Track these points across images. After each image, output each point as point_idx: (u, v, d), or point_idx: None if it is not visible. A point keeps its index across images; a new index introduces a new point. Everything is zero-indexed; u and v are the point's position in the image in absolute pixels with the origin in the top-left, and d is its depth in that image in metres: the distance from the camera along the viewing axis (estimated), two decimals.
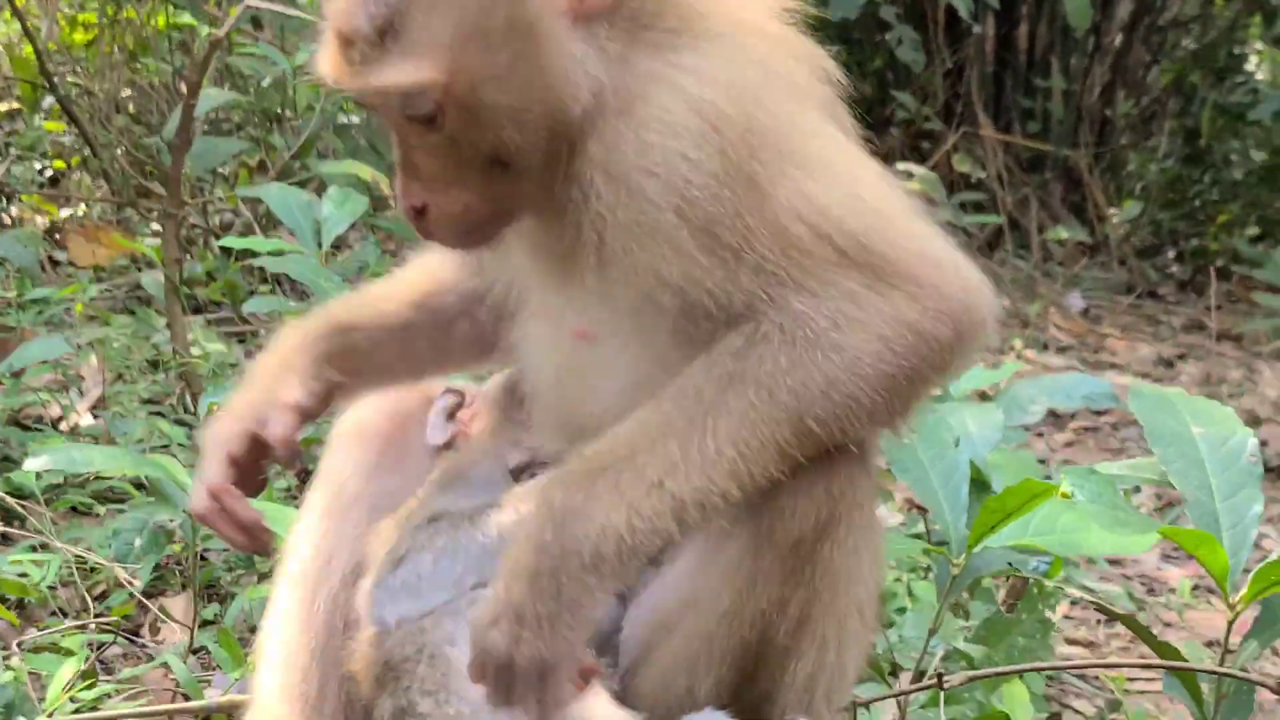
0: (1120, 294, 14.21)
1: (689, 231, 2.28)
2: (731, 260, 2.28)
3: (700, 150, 2.26)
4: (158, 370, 6.37)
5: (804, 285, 2.27)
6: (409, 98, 2.28)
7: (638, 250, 2.32)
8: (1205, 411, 3.01)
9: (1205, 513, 2.85)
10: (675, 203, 2.27)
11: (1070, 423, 9.05)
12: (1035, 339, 11.30)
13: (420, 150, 2.37)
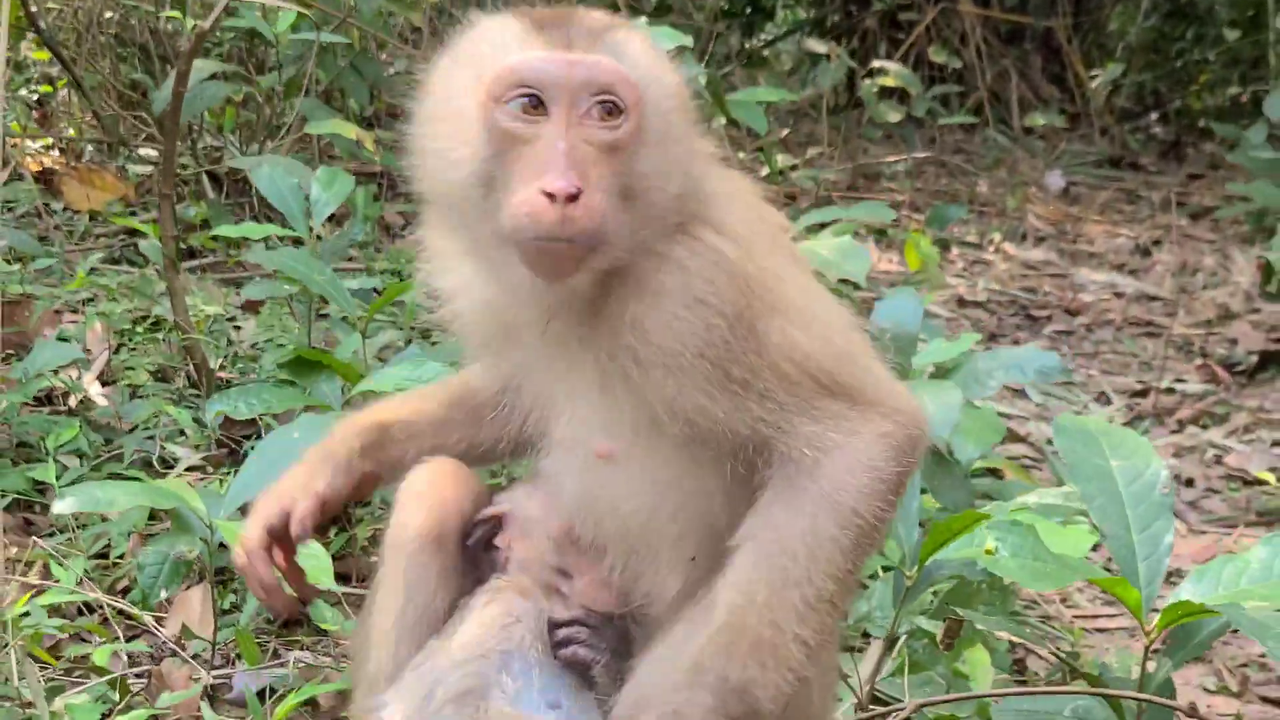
0: (1101, 167, 14.39)
1: (706, 368, 2.61)
2: (740, 392, 2.62)
3: (718, 304, 2.62)
4: (159, 330, 6.62)
5: (802, 411, 2.64)
6: (615, 86, 2.52)
7: (660, 379, 2.63)
8: (1123, 443, 3.29)
9: (1123, 545, 3.15)
10: (697, 345, 2.60)
11: (1046, 327, 9.28)
12: (1014, 230, 11.50)
13: (591, 146, 2.53)
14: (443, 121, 2.63)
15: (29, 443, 5.43)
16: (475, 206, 2.58)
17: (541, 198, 2.46)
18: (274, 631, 4.52)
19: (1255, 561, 3.09)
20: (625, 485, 2.77)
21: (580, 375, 2.74)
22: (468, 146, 2.56)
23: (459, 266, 2.84)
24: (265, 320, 6.54)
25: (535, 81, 2.53)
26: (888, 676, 4.19)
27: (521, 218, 2.48)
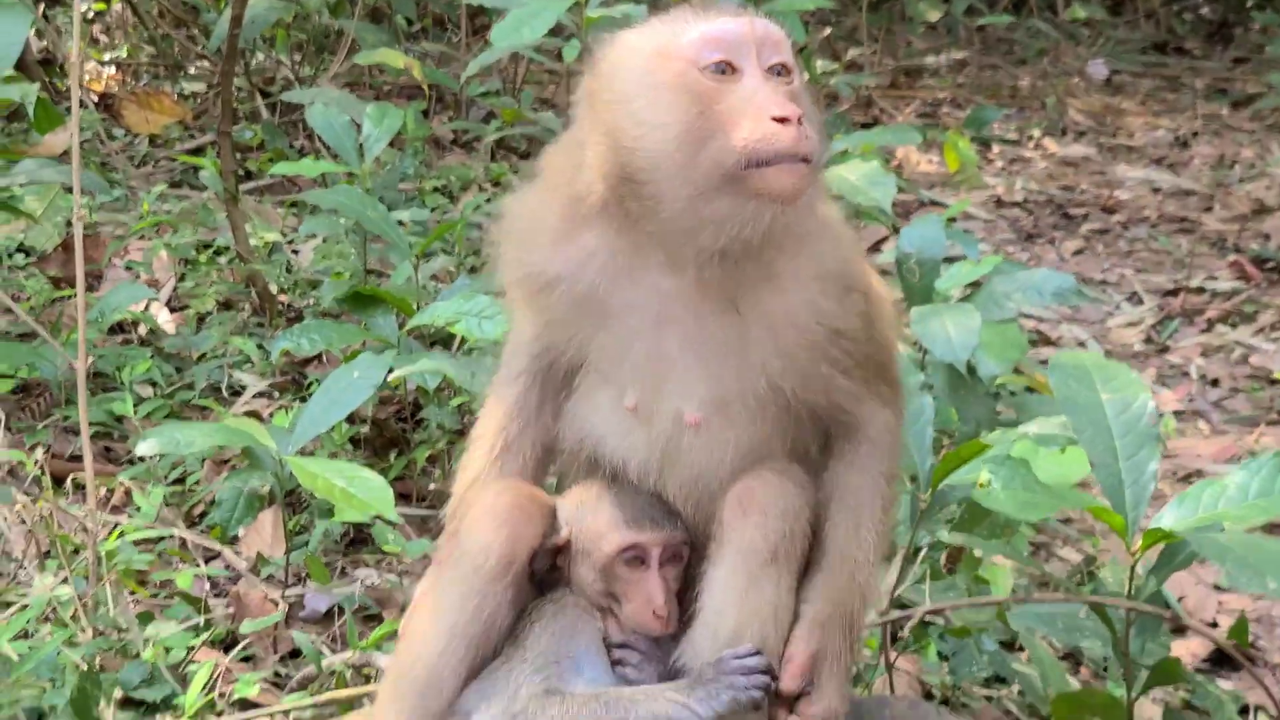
0: (1146, 53, 14.37)
1: (828, 340, 2.96)
2: (844, 366, 3.01)
3: (855, 285, 3.02)
4: (222, 256, 6.95)
5: (871, 390, 3.08)
6: (782, 44, 2.84)
7: (786, 348, 2.94)
8: (1113, 376, 3.54)
9: (1110, 473, 3.42)
10: (831, 320, 2.97)
11: (1082, 226, 9.43)
12: (1054, 125, 11.60)
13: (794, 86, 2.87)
14: (635, 99, 2.83)
15: (105, 373, 5.79)
16: (684, 163, 2.77)
17: (774, 124, 2.72)
18: (341, 552, 4.88)
19: (1232, 486, 3.36)
20: (706, 452, 3.03)
21: (694, 345, 2.96)
22: (672, 111, 2.77)
23: (578, 239, 2.98)
24: (323, 249, 6.84)
25: (729, 39, 2.81)
26: (914, 584, 4.49)
27: (759, 143, 2.72)
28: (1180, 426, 6.58)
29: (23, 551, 4.26)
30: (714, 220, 2.80)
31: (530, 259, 3.04)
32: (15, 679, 3.65)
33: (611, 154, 2.85)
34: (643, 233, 2.90)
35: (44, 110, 5.81)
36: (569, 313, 3.02)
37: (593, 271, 2.96)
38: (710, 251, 2.85)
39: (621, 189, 2.86)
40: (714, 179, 2.76)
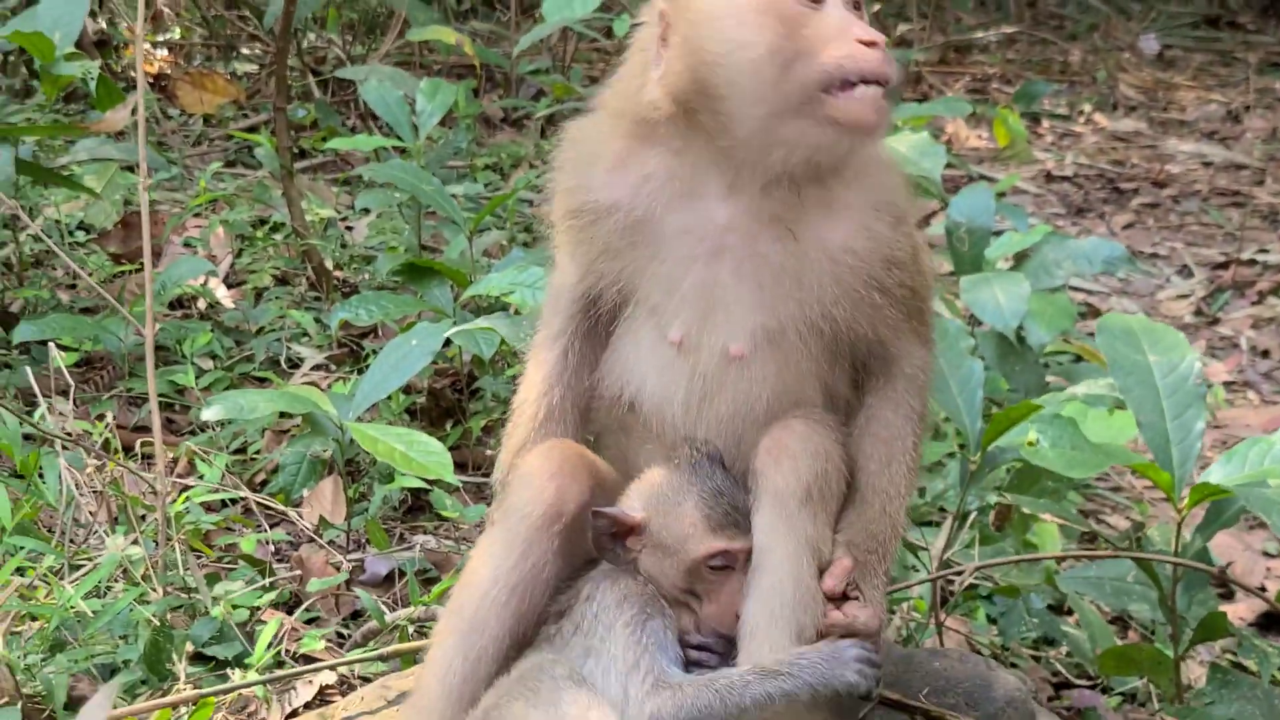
0: (1199, 28, 14.30)
1: (882, 271, 3.03)
2: (895, 298, 3.06)
3: (908, 218, 3.10)
4: (278, 233, 7.06)
5: (910, 326, 3.14)
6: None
7: (841, 277, 3.00)
8: (1160, 338, 3.59)
9: (1157, 432, 3.48)
10: (886, 250, 3.03)
11: (1132, 200, 9.43)
12: (1105, 100, 11.57)
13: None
14: (723, 18, 2.90)
15: (165, 346, 5.90)
16: (769, 81, 2.84)
17: (860, 46, 2.82)
18: (399, 519, 4.98)
19: (1279, 443, 3.41)
20: (746, 387, 3.07)
21: (750, 272, 3.01)
22: (760, 31, 2.84)
23: (638, 163, 3.03)
24: (377, 224, 6.94)
25: None
26: (964, 547, 4.55)
27: (845, 62, 2.80)
28: (1230, 397, 6.60)
29: (92, 515, 4.37)
30: (789, 142, 2.88)
31: (588, 185, 3.09)
32: (90, 634, 3.76)
33: (689, 71, 2.92)
34: (705, 155, 2.97)
35: (105, 87, 5.93)
36: (621, 242, 3.06)
37: (649, 196, 3.01)
38: (776, 174, 2.92)
39: (697, 103, 2.93)
40: (794, 100, 2.84)
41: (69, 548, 4.23)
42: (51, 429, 4.61)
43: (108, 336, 5.52)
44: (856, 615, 2.97)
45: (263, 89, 9.32)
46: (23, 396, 5.34)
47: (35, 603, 3.91)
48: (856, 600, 2.99)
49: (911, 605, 4.38)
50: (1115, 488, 5.56)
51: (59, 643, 3.81)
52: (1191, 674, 4.18)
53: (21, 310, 6.01)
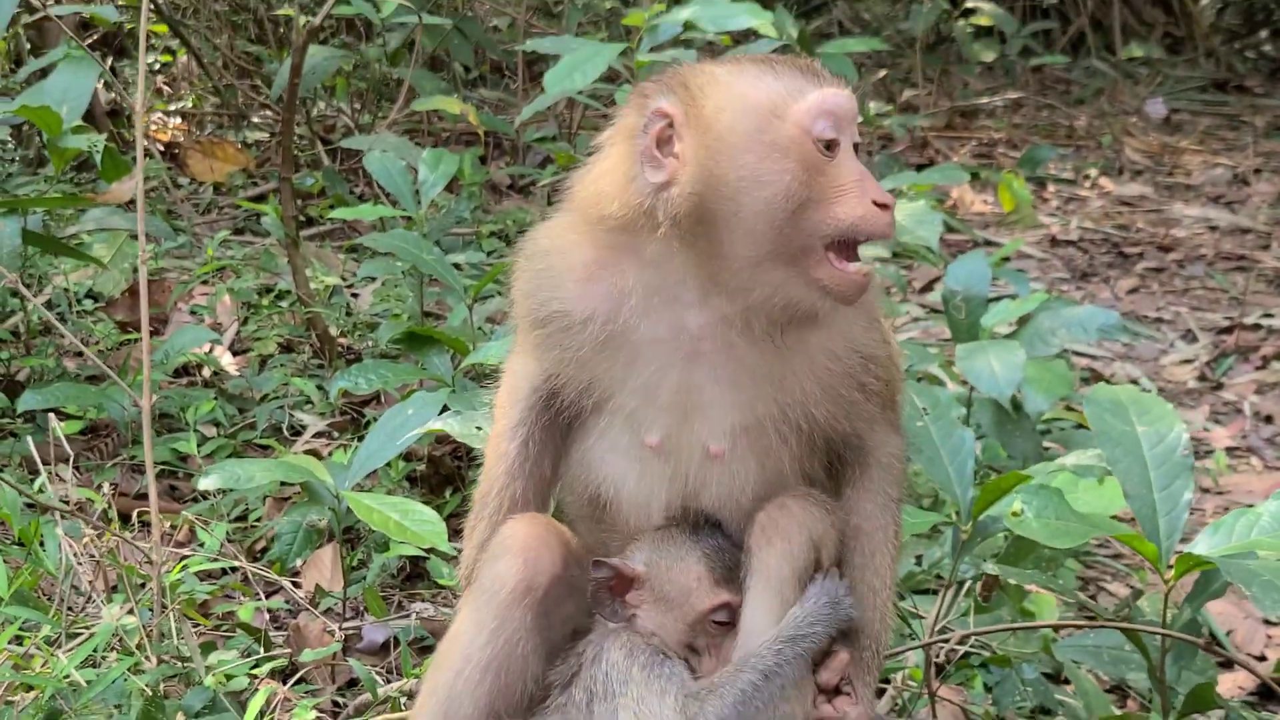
0: (1205, 91, 14.36)
1: (859, 374, 3.10)
2: (867, 397, 3.13)
3: (882, 322, 3.20)
4: (284, 300, 7.11)
5: (885, 417, 3.22)
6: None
7: (826, 376, 3.06)
8: (1149, 409, 3.61)
9: (1144, 503, 3.50)
10: (867, 354, 3.12)
11: (1137, 264, 9.45)
12: (1110, 164, 11.62)
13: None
14: (745, 152, 2.85)
15: (170, 413, 5.95)
16: (777, 223, 2.85)
17: (875, 208, 2.87)
18: (397, 586, 4.99)
19: (1266, 514, 3.42)
20: (728, 481, 3.10)
21: (727, 376, 3.02)
22: (782, 174, 2.84)
23: (612, 274, 2.99)
24: (381, 292, 7.00)
25: (840, 114, 2.89)
26: (959, 615, 4.55)
27: (859, 224, 2.86)
28: (1233, 463, 6.58)
29: (90, 583, 4.40)
30: (771, 285, 2.91)
31: (558, 296, 3.04)
32: (83, 704, 3.78)
33: (698, 194, 2.88)
34: (684, 268, 2.93)
35: (111, 159, 6.02)
36: (594, 352, 3.03)
37: (624, 308, 2.98)
38: (749, 306, 2.95)
39: (693, 225, 2.90)
40: (795, 246, 2.86)
41: (66, 616, 4.25)
42: (51, 498, 4.65)
43: (111, 404, 5.56)
44: (847, 711, 3.01)
45: (272, 157, 9.41)
46: (26, 465, 5.38)
47: (30, 672, 3.92)
48: (848, 696, 3.01)
49: (907, 674, 4.38)
50: (1115, 555, 5.55)
51: (54, 712, 3.82)
52: None
53: (28, 379, 6.06)
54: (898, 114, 11.48)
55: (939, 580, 4.86)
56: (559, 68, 5.91)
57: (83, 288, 6.93)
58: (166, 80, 10.63)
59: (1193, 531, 4.87)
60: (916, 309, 8.07)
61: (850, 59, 8.24)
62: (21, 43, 8.87)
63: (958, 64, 13.34)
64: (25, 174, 8.01)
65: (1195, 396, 7.38)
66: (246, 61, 10.13)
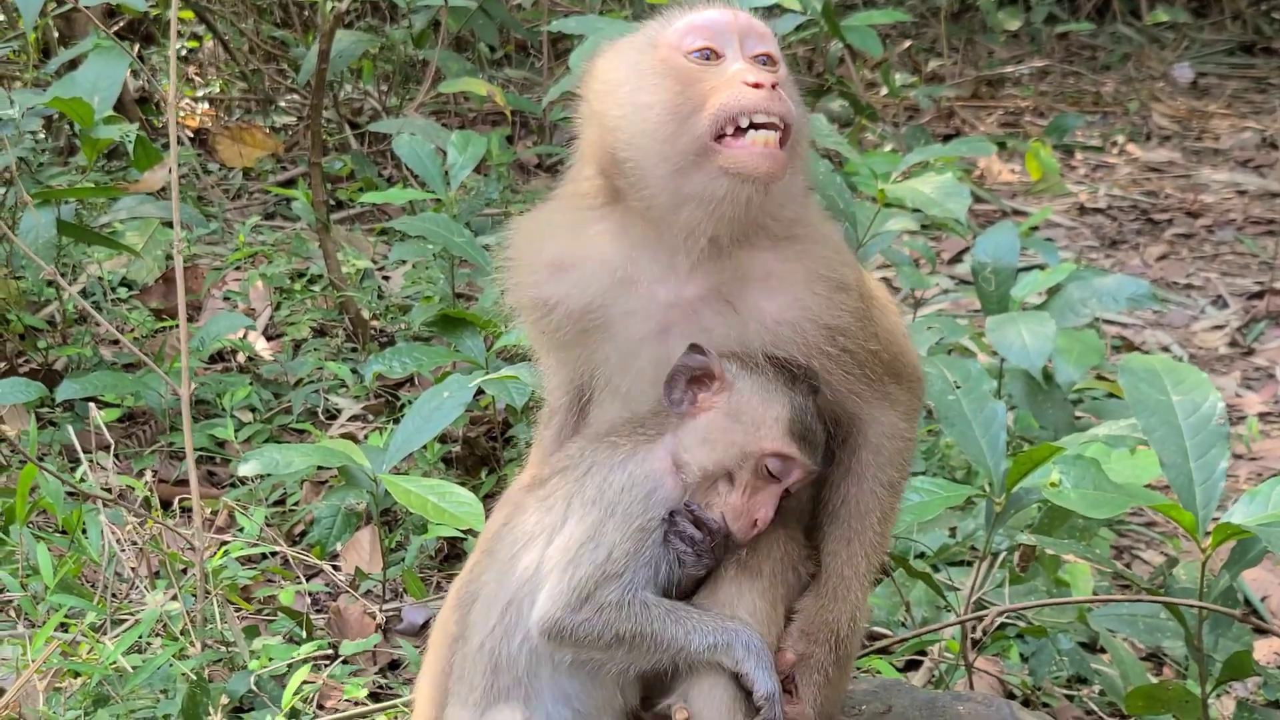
0: (1233, 55, 14.25)
1: (824, 335, 3.02)
2: (846, 362, 3.06)
3: (845, 283, 3.06)
4: (316, 284, 7.16)
5: (877, 391, 3.13)
6: (766, 36, 2.99)
7: (785, 344, 3.01)
8: (1184, 378, 3.61)
9: (1180, 472, 3.50)
10: (823, 315, 3.02)
11: (1166, 231, 9.42)
12: (1138, 130, 11.57)
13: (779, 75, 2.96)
14: (623, 85, 2.97)
15: (206, 400, 6.00)
16: (665, 138, 2.88)
17: (746, 88, 2.85)
18: (436, 567, 5.04)
19: None
20: None
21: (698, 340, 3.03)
22: (655, 92, 2.90)
23: (579, 251, 3.04)
24: (412, 274, 7.04)
25: (712, 27, 2.96)
26: (995, 587, 4.57)
27: (730, 103, 2.84)
28: (1265, 429, 6.57)
29: (133, 570, 4.45)
30: (693, 196, 2.89)
31: (534, 280, 3.11)
32: (130, 690, 3.83)
33: (600, 139, 2.98)
34: (641, 235, 2.99)
35: (143, 148, 6.06)
36: (573, 332, 3.09)
37: (590, 284, 3.04)
38: (697, 234, 2.93)
39: (611, 171, 2.97)
40: (690, 152, 2.87)
41: (110, 603, 4.31)
42: (92, 486, 4.70)
43: (149, 392, 5.62)
44: (786, 711, 2.99)
45: (301, 141, 9.45)
46: (66, 454, 5.44)
47: (77, 659, 3.98)
48: (789, 694, 3.00)
49: (943, 646, 4.41)
50: (1149, 523, 5.56)
51: (101, 697, 3.88)
52: (1225, 710, 4.18)
53: (65, 368, 6.13)
54: (923, 85, 11.45)
55: (973, 552, 4.88)
56: (585, 46, 5.90)
57: (116, 276, 6.99)
58: (194, 67, 10.67)
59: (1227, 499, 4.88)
60: (946, 280, 8.07)
61: (875, 30, 8.22)
62: (50, 33, 8.91)
63: (983, 33, 13.28)
64: (56, 164, 8.06)
65: (1227, 363, 7.36)
66: (272, 46, 10.16)
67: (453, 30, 9.59)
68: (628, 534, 2.92)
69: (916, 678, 4.36)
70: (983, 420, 3.98)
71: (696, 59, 2.92)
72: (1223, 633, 3.63)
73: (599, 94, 3.01)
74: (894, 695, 3.55)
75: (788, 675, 3.01)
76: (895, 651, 4.44)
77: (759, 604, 2.98)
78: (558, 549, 2.94)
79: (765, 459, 2.96)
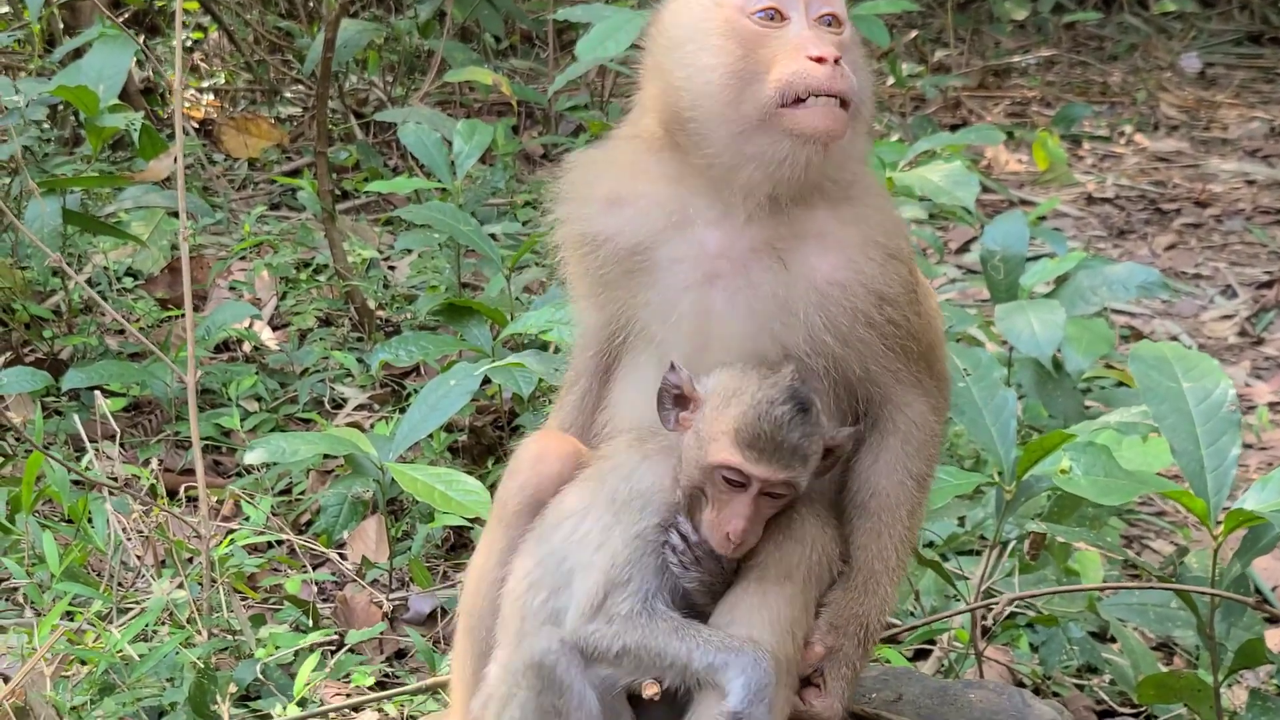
0: (1241, 45, 14.21)
1: (871, 301, 3.00)
2: (886, 334, 3.03)
3: (899, 253, 3.06)
4: (321, 274, 7.14)
5: (912, 377, 3.11)
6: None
7: (832, 305, 2.99)
8: (1194, 365, 3.59)
9: (1192, 459, 3.48)
10: (872, 281, 3.01)
11: (1175, 220, 9.38)
12: (1146, 120, 11.54)
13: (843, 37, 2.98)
14: (687, 43, 2.95)
15: (211, 389, 5.99)
16: (728, 102, 2.89)
17: (810, 62, 2.86)
18: (443, 556, 5.03)
19: None
20: None
21: (741, 299, 3.01)
22: (718, 54, 2.91)
23: (632, 191, 3.05)
24: (418, 264, 7.02)
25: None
26: (1004, 575, 4.55)
27: (793, 78, 2.85)
28: (1275, 418, 6.54)
29: (139, 559, 4.44)
30: (754, 158, 2.91)
31: (587, 214, 3.11)
32: (137, 678, 3.83)
33: (663, 95, 2.99)
34: (697, 182, 2.99)
35: (148, 137, 6.04)
36: (618, 271, 3.08)
37: (642, 224, 3.04)
38: (756, 192, 2.94)
39: (672, 125, 2.98)
40: (752, 117, 2.88)
41: (117, 592, 4.29)
42: (99, 475, 4.69)
43: (154, 382, 5.60)
44: (813, 703, 2.99)
45: (306, 131, 9.43)
46: (73, 442, 5.43)
47: (84, 647, 3.97)
48: (817, 688, 2.99)
49: (953, 635, 4.39)
50: (1159, 512, 5.54)
51: (108, 685, 3.87)
52: (1237, 700, 4.16)
53: (71, 357, 6.11)
54: (930, 74, 11.42)
55: (983, 541, 4.86)
56: (591, 36, 5.89)
57: (122, 266, 6.97)
58: (199, 57, 10.66)
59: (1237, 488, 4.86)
60: (954, 270, 8.05)
61: (881, 20, 8.18)
62: (55, 23, 8.89)
63: (989, 22, 13.24)
64: (62, 154, 8.05)
65: (1236, 352, 7.33)
66: (277, 37, 10.13)
67: (458, 20, 9.56)
68: (628, 540, 2.98)
69: (926, 667, 4.34)
70: (993, 408, 3.96)
71: (760, 19, 2.92)
72: (1235, 621, 3.61)
73: (663, 48, 3.03)
74: (904, 683, 3.53)
75: (816, 669, 3.01)
76: (904, 640, 4.42)
77: (784, 611, 2.95)
78: (577, 544, 3.01)
79: (718, 471, 2.94)
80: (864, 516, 3.12)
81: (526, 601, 3.04)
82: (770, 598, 2.94)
